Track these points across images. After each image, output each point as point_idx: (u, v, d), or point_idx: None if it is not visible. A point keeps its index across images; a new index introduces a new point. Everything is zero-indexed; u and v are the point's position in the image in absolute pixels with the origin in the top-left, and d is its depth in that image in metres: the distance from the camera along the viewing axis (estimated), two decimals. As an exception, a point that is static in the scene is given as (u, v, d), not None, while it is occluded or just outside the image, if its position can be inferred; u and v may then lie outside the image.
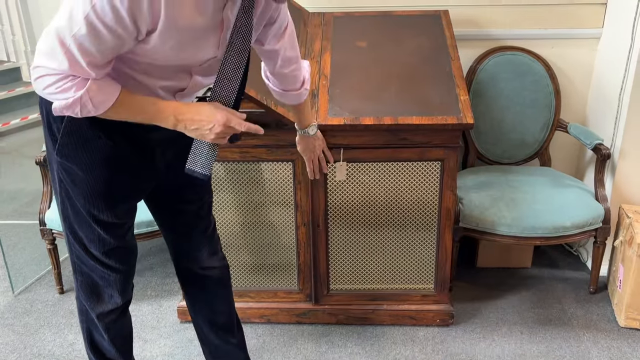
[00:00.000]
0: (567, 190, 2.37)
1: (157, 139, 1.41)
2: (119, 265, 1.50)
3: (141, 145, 1.40)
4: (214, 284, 1.76)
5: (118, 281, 1.52)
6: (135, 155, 1.39)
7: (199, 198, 1.64)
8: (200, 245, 1.69)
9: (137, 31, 1.14)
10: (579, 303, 2.41)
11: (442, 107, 1.98)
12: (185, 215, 1.63)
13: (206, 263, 1.71)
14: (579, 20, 2.56)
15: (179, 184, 1.57)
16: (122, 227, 1.48)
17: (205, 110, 1.29)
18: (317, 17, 2.43)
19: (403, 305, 2.25)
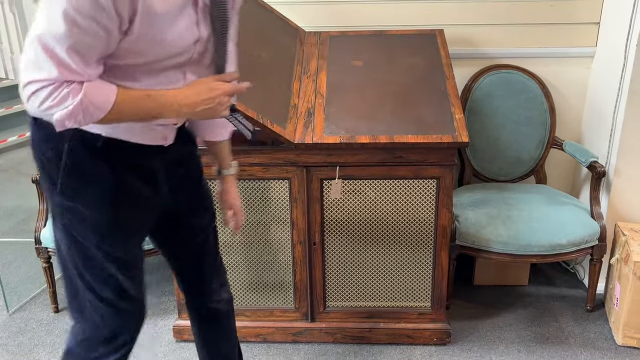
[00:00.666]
0: (563, 207, 2.37)
1: (159, 163, 1.38)
2: (133, 304, 1.42)
3: (144, 171, 1.36)
4: (224, 317, 1.71)
5: (133, 320, 1.44)
6: (139, 183, 1.35)
7: (205, 225, 1.59)
8: (211, 276, 1.64)
9: (119, 18, 1.09)
10: (576, 321, 2.40)
11: (438, 125, 2.00)
12: (193, 243, 1.59)
13: (216, 296, 1.66)
14: (572, 39, 2.58)
15: (185, 210, 1.53)
16: (134, 262, 1.41)
17: (203, 87, 1.27)
18: (313, 36, 2.45)
19: (400, 323, 2.24)
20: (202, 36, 1.27)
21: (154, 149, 1.35)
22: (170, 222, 1.52)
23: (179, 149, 1.45)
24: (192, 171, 1.55)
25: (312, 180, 2.05)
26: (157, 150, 1.36)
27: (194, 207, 1.56)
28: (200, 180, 1.58)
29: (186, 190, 1.52)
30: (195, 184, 1.56)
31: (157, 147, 1.36)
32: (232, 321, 1.76)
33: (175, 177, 1.45)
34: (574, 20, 2.55)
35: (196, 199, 1.56)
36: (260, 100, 1.96)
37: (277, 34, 2.31)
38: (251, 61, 2.06)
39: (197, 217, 1.57)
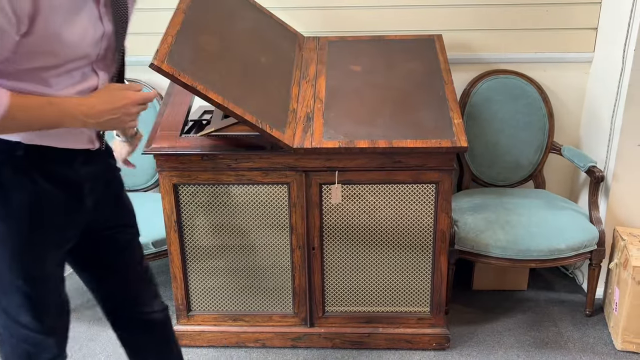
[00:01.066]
0: (561, 212, 2.37)
1: (86, 174, 1.33)
2: (54, 325, 1.35)
3: (67, 183, 1.28)
4: (160, 328, 1.66)
5: (55, 344, 1.36)
6: (63, 196, 1.28)
7: (129, 241, 1.54)
8: (139, 290, 1.59)
9: (16, 18, 1.04)
10: (575, 326, 2.40)
11: (436, 130, 2.00)
12: (119, 260, 1.53)
13: (148, 308, 1.61)
14: (571, 45, 2.59)
15: (107, 227, 1.48)
16: (54, 281, 1.34)
17: (110, 96, 1.22)
18: (312, 42, 2.46)
19: (399, 328, 2.24)
20: (107, 30, 1.23)
21: (80, 156, 1.30)
22: (92, 239, 1.46)
23: (103, 160, 1.43)
24: (114, 186, 1.51)
25: (311, 185, 2.05)
26: (84, 158, 1.31)
27: (116, 223, 1.50)
28: (121, 196, 1.54)
29: (108, 206, 1.47)
30: (117, 199, 1.52)
31: (84, 154, 1.31)
32: (170, 331, 1.71)
33: (99, 191, 1.40)
34: (572, 26, 2.56)
35: (118, 215, 1.52)
36: (259, 104, 1.96)
37: (276, 39, 2.32)
38: (250, 66, 2.06)
39: (119, 233, 1.51)
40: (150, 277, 1.63)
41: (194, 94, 1.85)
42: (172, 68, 1.74)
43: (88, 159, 1.34)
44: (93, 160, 1.36)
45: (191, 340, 2.28)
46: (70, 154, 1.28)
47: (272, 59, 2.20)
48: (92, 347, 2.32)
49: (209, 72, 1.86)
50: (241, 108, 1.87)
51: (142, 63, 2.53)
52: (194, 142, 2.03)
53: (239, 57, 2.05)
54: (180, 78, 1.74)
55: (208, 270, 2.20)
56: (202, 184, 2.06)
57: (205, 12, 2.03)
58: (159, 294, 1.67)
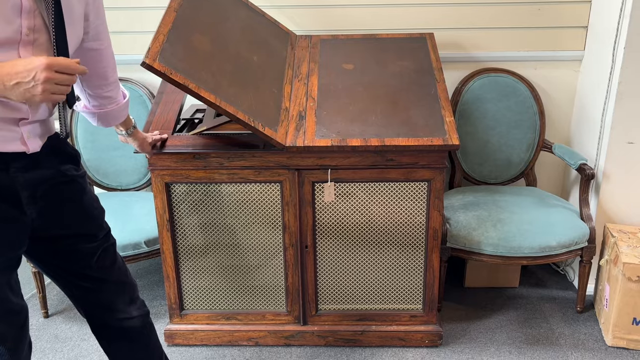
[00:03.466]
0: (552, 210, 2.39)
1: (25, 180, 1.25)
2: (4, 334, 1.28)
3: (2, 189, 1.22)
4: (137, 334, 1.62)
5: (7, 352, 1.29)
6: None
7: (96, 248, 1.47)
8: (114, 297, 1.54)
9: None
10: (566, 322, 2.41)
11: (428, 128, 2.01)
12: (86, 268, 1.47)
13: (123, 314, 1.56)
14: (561, 43, 2.61)
15: (67, 236, 1.41)
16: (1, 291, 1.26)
17: (22, 61, 1.09)
18: (304, 40, 2.46)
19: (392, 326, 2.25)
20: (25, 5, 1.15)
21: (18, 161, 1.24)
22: (52, 248, 1.41)
23: (51, 166, 1.34)
24: (69, 193, 1.41)
25: (304, 183, 2.05)
26: (24, 164, 1.25)
27: (79, 232, 1.43)
28: (82, 199, 1.45)
29: (65, 215, 1.39)
30: (77, 207, 1.43)
31: (24, 159, 1.25)
32: (150, 337, 1.67)
33: (46, 199, 1.32)
34: (562, 24, 2.58)
35: (80, 223, 1.44)
36: (251, 103, 1.96)
37: (268, 38, 2.32)
38: (243, 64, 2.06)
39: (83, 242, 1.45)
40: (124, 283, 1.56)
41: (186, 93, 1.85)
42: (164, 66, 1.73)
43: (29, 164, 1.26)
44: (37, 166, 1.28)
45: (184, 340, 2.27)
46: (4, 159, 1.20)
47: (264, 58, 2.20)
48: (84, 347, 2.31)
49: (201, 71, 1.86)
50: (233, 107, 1.87)
51: (130, 62, 2.55)
52: (186, 141, 2.03)
53: (231, 56, 2.05)
54: (173, 77, 1.74)
55: (201, 269, 2.20)
56: (194, 182, 2.06)
57: (197, 10, 2.03)
58: (137, 298, 1.61)
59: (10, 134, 1.22)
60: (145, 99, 2.65)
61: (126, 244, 2.27)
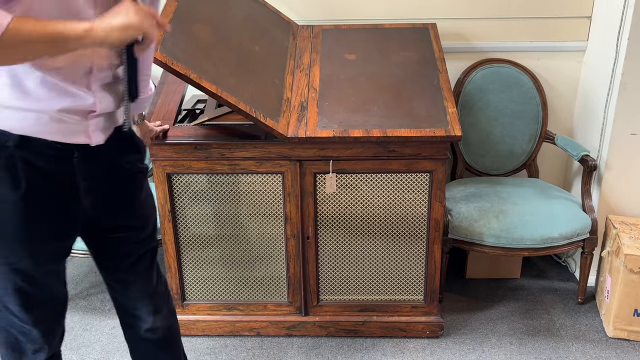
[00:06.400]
0: (554, 201, 2.39)
1: (83, 170, 1.28)
2: (42, 318, 1.33)
3: (60, 179, 1.25)
4: (153, 347, 1.61)
5: (41, 336, 1.34)
6: (55, 192, 1.24)
7: (137, 246, 1.48)
8: (139, 302, 1.54)
9: None
10: (567, 313, 2.42)
11: (430, 119, 2.00)
12: (122, 265, 1.48)
13: (145, 324, 1.56)
14: (564, 33, 2.59)
15: (113, 229, 1.42)
16: (46, 275, 1.31)
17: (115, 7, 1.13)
18: (306, 30, 2.44)
19: (393, 316, 2.25)
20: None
21: (78, 152, 1.26)
22: (95, 239, 1.44)
23: (112, 157, 1.35)
24: (127, 186, 1.42)
25: (306, 174, 2.05)
26: (83, 154, 1.27)
27: (124, 225, 1.44)
28: (137, 196, 1.45)
29: (116, 208, 1.40)
30: (130, 201, 1.44)
31: (84, 150, 1.27)
32: (171, 349, 1.66)
33: (101, 191, 1.35)
34: (565, 15, 2.56)
35: (127, 216, 1.44)
36: (253, 93, 1.95)
37: (270, 28, 2.30)
38: (244, 55, 2.05)
39: (126, 237, 1.45)
40: (152, 290, 1.55)
41: (187, 83, 1.84)
42: (166, 57, 1.72)
43: (91, 155, 1.28)
44: (98, 157, 1.30)
45: (186, 330, 2.28)
46: (65, 149, 1.23)
47: (266, 48, 2.19)
48: (86, 337, 2.32)
49: (202, 61, 1.85)
50: (235, 97, 1.86)
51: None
52: (188, 132, 2.03)
53: (233, 46, 2.04)
54: (174, 67, 1.73)
55: (202, 260, 2.20)
56: (196, 173, 2.06)
57: (198, 0, 2.02)
58: (163, 308, 1.59)
59: (76, 126, 1.24)
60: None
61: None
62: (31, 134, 1.18)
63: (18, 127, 1.17)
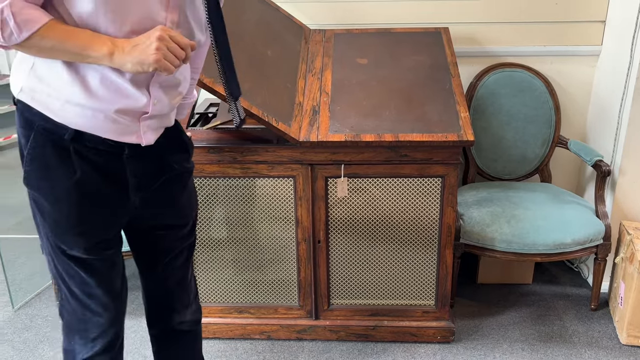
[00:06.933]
0: (567, 206, 2.37)
1: (134, 168, 1.31)
2: (101, 308, 1.37)
3: (112, 174, 1.28)
4: (185, 339, 1.65)
5: (101, 325, 1.38)
6: (105, 185, 1.28)
7: (176, 243, 1.52)
8: (175, 296, 1.58)
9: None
10: (580, 320, 2.40)
11: (443, 124, 1.99)
12: (160, 260, 1.52)
13: (178, 317, 1.60)
14: (578, 38, 2.58)
15: (156, 227, 1.46)
16: (98, 266, 1.34)
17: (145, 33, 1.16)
18: (318, 34, 2.45)
19: (404, 321, 2.24)
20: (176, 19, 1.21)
21: (129, 149, 1.28)
22: (137, 234, 1.47)
23: (161, 156, 1.37)
24: (173, 185, 1.44)
25: (317, 179, 2.05)
26: (134, 152, 1.29)
27: (167, 223, 1.47)
28: (182, 196, 1.48)
29: (162, 206, 1.43)
30: (175, 200, 1.47)
31: (134, 148, 1.29)
32: (195, 344, 1.70)
33: (150, 189, 1.37)
34: (579, 19, 2.55)
35: (171, 215, 1.47)
36: (265, 98, 1.96)
37: (282, 32, 2.31)
38: (257, 59, 2.06)
39: (167, 235, 1.49)
40: (186, 284, 1.59)
41: (200, 87, 1.85)
42: (179, 61, 1.73)
43: (141, 152, 1.30)
44: (145, 156, 1.32)
45: (197, 332, 2.29)
46: (117, 146, 1.26)
47: (278, 52, 2.20)
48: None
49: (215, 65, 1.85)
50: (248, 101, 1.87)
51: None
52: (201, 135, 2.04)
53: (246, 50, 2.05)
54: (187, 71, 1.74)
55: (214, 263, 2.21)
56: (208, 176, 2.07)
57: (212, 4, 2.03)
58: (193, 302, 1.63)
59: (129, 127, 1.26)
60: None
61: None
62: (86, 129, 1.22)
63: (75, 122, 1.20)
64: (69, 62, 1.17)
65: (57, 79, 1.18)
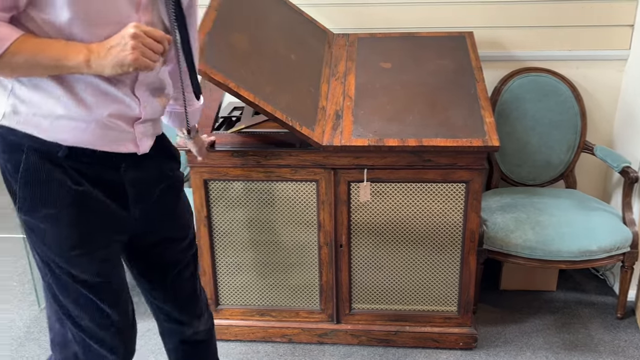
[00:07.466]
0: (593, 213, 2.33)
1: (131, 179, 1.28)
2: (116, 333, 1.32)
3: (111, 187, 1.25)
4: (200, 347, 1.64)
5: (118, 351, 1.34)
6: (106, 199, 1.25)
7: (179, 256, 1.49)
8: (184, 309, 1.55)
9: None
10: (605, 328, 2.36)
11: (467, 129, 1.98)
12: (166, 275, 1.49)
13: (190, 328, 1.59)
14: (605, 42, 2.54)
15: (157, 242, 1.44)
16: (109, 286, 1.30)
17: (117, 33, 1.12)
18: (341, 39, 2.45)
19: (426, 327, 2.23)
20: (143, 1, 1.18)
21: (127, 160, 1.26)
22: (140, 252, 1.44)
23: (156, 165, 1.36)
24: (169, 194, 1.43)
25: (340, 183, 2.05)
26: (131, 162, 1.27)
27: (168, 236, 1.45)
28: (177, 206, 1.46)
29: (161, 217, 1.41)
30: (173, 209, 1.45)
31: (132, 159, 1.27)
32: (210, 349, 1.70)
33: (149, 200, 1.35)
34: (607, 23, 2.51)
35: (171, 227, 1.46)
36: (289, 102, 1.97)
37: (305, 36, 2.32)
38: (280, 63, 2.07)
39: (170, 248, 1.46)
40: (197, 295, 1.58)
41: (225, 91, 1.87)
42: (205, 66, 1.75)
43: (137, 162, 1.29)
44: (144, 165, 1.31)
45: (219, 334, 2.30)
46: (115, 158, 1.24)
47: (301, 56, 2.20)
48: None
49: (240, 70, 1.87)
50: (272, 105, 1.88)
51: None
52: (225, 139, 2.05)
53: (270, 55, 2.06)
54: (213, 76, 1.76)
55: (236, 265, 2.22)
56: (232, 180, 2.08)
57: (237, 9, 2.05)
58: (205, 311, 1.62)
59: (124, 135, 1.24)
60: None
61: (164, 239, 2.30)
62: (81, 144, 1.19)
63: (68, 137, 1.18)
64: (52, 76, 1.13)
65: (42, 96, 1.15)
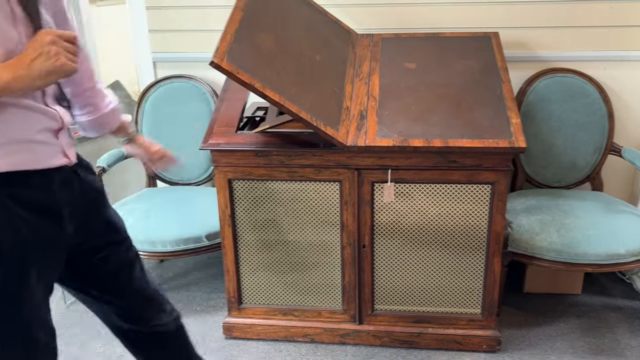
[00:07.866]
0: (620, 216, 2.30)
1: (63, 197, 1.25)
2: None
3: (44, 209, 1.20)
4: (172, 335, 1.63)
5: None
6: (40, 221, 1.19)
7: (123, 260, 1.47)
8: (145, 305, 1.53)
9: None
10: (632, 333, 2.32)
11: (493, 129, 1.96)
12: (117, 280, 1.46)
13: (156, 322, 1.56)
14: (633, 42, 2.50)
15: (95, 251, 1.40)
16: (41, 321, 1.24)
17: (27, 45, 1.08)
18: (365, 39, 2.45)
19: (449, 329, 2.22)
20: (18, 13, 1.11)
21: (56, 178, 1.23)
22: (82, 265, 1.39)
23: (83, 179, 1.33)
24: (97, 205, 1.41)
25: (364, 183, 2.05)
26: (61, 180, 1.24)
27: (107, 241, 1.43)
28: (107, 211, 1.44)
29: (93, 228, 1.39)
30: (104, 215, 1.43)
31: (60, 176, 1.24)
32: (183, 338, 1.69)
33: (80, 214, 1.32)
34: (635, 23, 2.47)
35: (107, 231, 1.44)
36: (313, 102, 1.97)
37: (330, 37, 2.32)
38: (305, 63, 2.08)
39: (110, 256, 1.43)
40: (153, 291, 1.56)
41: (250, 91, 1.88)
42: (232, 66, 1.77)
43: (65, 180, 1.26)
44: (70, 182, 1.28)
45: (242, 333, 2.32)
46: (44, 177, 1.20)
47: (326, 57, 2.21)
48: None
49: (265, 70, 1.88)
50: (297, 106, 1.89)
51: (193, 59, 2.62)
52: (249, 139, 2.06)
53: (295, 55, 2.06)
54: (239, 76, 1.77)
55: (260, 265, 2.23)
56: (256, 179, 2.09)
57: (262, 9, 2.05)
58: (166, 303, 1.61)
59: (52, 147, 1.22)
60: (208, 96, 2.71)
61: (187, 237, 2.33)
62: (14, 167, 1.15)
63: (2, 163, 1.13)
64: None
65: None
